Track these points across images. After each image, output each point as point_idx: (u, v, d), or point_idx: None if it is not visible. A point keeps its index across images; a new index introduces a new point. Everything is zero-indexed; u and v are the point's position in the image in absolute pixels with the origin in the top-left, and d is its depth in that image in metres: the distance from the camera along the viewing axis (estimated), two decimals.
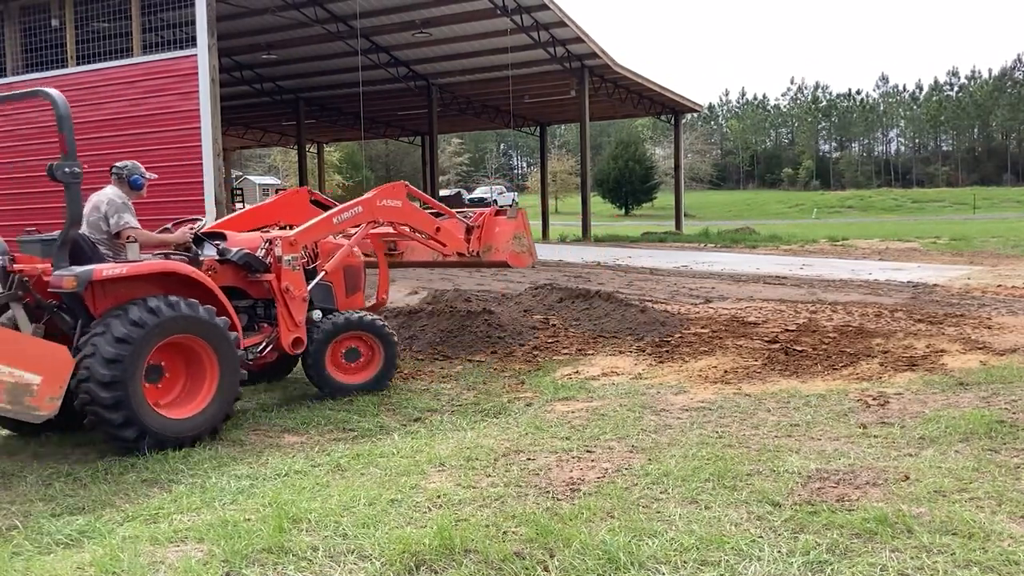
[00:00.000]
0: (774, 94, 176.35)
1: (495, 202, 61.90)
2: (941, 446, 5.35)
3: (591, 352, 9.34)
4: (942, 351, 8.41)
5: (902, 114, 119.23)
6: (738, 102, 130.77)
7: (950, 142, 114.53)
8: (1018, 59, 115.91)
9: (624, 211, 73.41)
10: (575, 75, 28.33)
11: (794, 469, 4.93)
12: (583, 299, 11.51)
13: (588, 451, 5.56)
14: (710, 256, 21.05)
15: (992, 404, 6.28)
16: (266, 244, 7.44)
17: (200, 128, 14.58)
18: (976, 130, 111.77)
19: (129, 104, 15.63)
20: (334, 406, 7.45)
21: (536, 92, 31.97)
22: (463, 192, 62.83)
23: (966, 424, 5.70)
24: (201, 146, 14.58)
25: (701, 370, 8.16)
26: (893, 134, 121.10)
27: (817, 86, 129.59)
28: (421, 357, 9.47)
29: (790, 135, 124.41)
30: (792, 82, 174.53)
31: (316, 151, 44.77)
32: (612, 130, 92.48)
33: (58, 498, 5.22)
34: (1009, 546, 3.78)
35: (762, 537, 3.98)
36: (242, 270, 7.35)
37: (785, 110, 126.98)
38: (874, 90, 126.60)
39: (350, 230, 8.35)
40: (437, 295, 12.53)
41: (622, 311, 10.89)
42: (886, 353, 8.43)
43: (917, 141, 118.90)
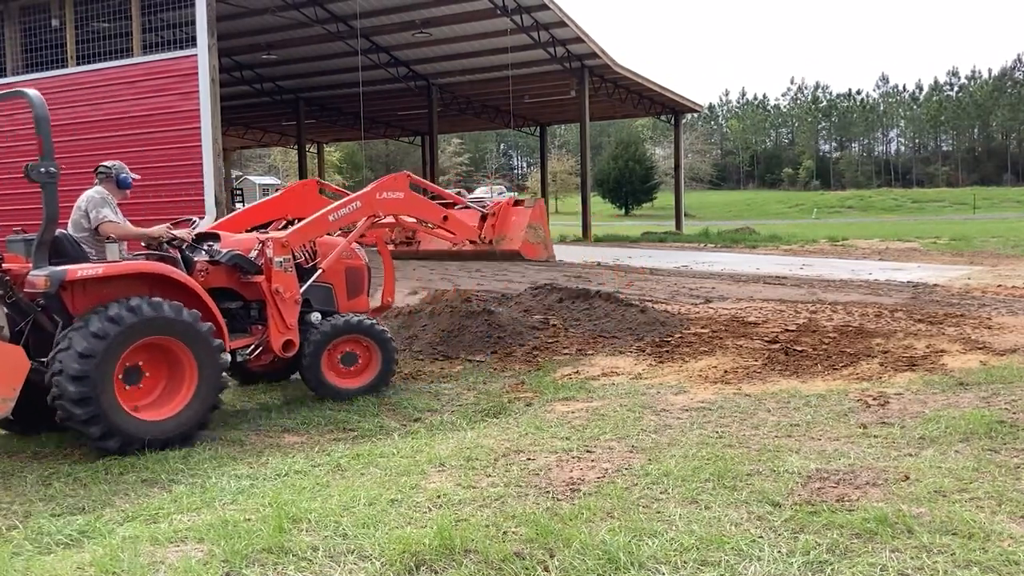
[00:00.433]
0: (774, 94, 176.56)
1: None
2: (941, 446, 5.35)
3: (591, 352, 9.33)
4: (942, 351, 8.41)
5: (902, 114, 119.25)
6: (738, 102, 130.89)
7: (950, 142, 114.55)
8: (1018, 59, 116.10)
9: (624, 211, 73.45)
10: (575, 75, 28.34)
11: (794, 469, 4.93)
12: (583, 299, 11.50)
13: (588, 451, 5.56)
14: (710, 256, 21.06)
15: (992, 404, 6.28)
16: (259, 245, 7.37)
17: (200, 128, 14.58)
18: (976, 130, 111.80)
19: (129, 104, 15.64)
20: (334, 406, 7.45)
21: (536, 92, 31.99)
22: (463, 192, 62.81)
23: (966, 424, 5.70)
24: (201, 146, 14.58)
25: (701, 370, 8.16)
26: (893, 134, 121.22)
27: (817, 86, 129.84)
28: (421, 357, 9.47)
29: (790, 135, 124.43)
30: (792, 82, 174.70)
31: (316, 151, 44.78)
32: (612, 130, 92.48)
33: (58, 498, 5.22)
34: (1009, 546, 3.78)
35: (762, 537, 3.97)
36: (234, 271, 7.29)
37: (785, 110, 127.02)
38: (874, 90, 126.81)
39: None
40: (437, 295, 12.52)
41: (622, 311, 10.88)
42: (886, 353, 8.43)
43: (917, 141, 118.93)
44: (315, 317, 7.73)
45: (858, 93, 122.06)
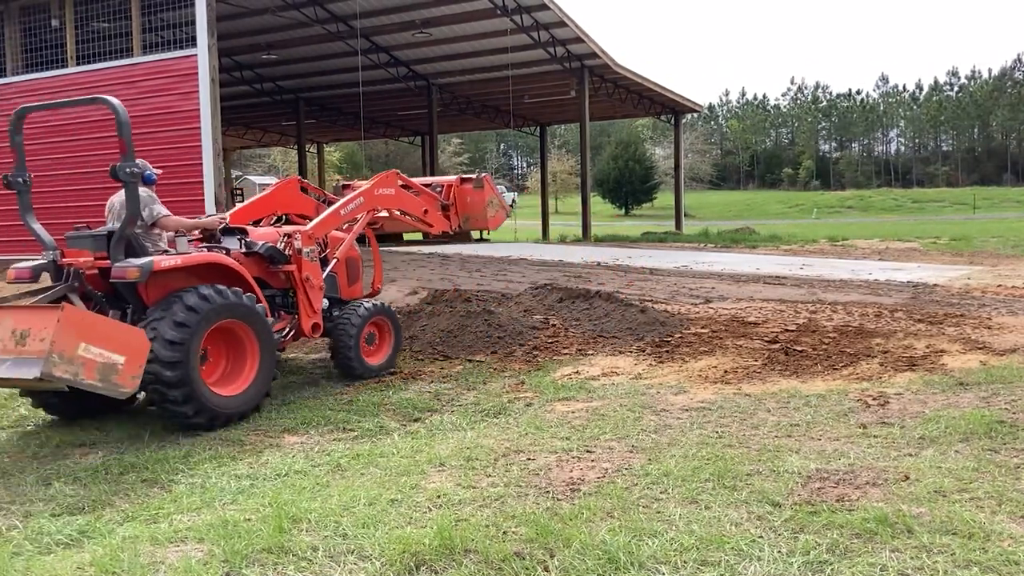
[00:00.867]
0: (774, 94, 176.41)
1: None
2: (941, 446, 5.35)
3: (591, 352, 9.33)
4: (942, 351, 8.41)
5: (902, 114, 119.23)
6: (738, 102, 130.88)
7: (950, 142, 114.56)
8: (1018, 59, 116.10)
9: (624, 211, 73.47)
10: (575, 75, 28.33)
11: (794, 469, 4.93)
12: (583, 299, 11.50)
13: (588, 451, 5.56)
14: (710, 256, 21.04)
15: (992, 404, 6.28)
16: (285, 237, 8.03)
17: (200, 128, 14.59)
18: (976, 130, 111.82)
19: (129, 104, 15.50)
20: (334, 406, 7.45)
21: (536, 92, 31.97)
22: None
23: (966, 424, 5.70)
24: (201, 146, 14.59)
25: (701, 370, 8.16)
26: (893, 134, 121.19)
27: (817, 86, 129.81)
28: (421, 357, 9.47)
29: (790, 135, 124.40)
30: (792, 82, 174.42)
31: (316, 151, 44.77)
32: (612, 130, 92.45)
33: (58, 498, 5.22)
34: (1009, 546, 3.78)
35: (762, 537, 3.98)
36: (264, 262, 7.91)
37: (785, 110, 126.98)
38: (874, 90, 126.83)
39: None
40: (437, 295, 12.52)
41: (622, 311, 10.88)
42: (886, 353, 8.43)
43: (917, 141, 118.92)
44: (324, 303, 8.40)
45: (858, 93, 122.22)
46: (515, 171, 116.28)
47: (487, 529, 4.16)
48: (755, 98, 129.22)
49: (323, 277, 8.37)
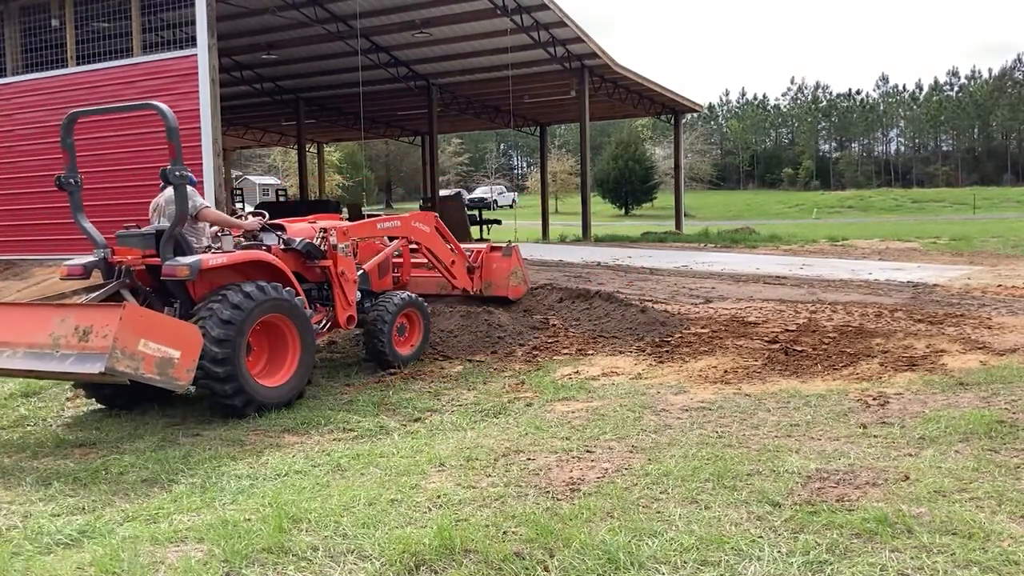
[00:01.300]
0: (774, 94, 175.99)
1: (495, 202, 61.87)
2: (941, 446, 5.35)
3: (591, 352, 9.34)
4: (942, 351, 8.41)
5: (902, 114, 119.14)
6: (738, 102, 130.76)
7: (950, 142, 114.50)
8: (1018, 59, 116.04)
9: (624, 211, 73.42)
10: (575, 75, 28.31)
11: (794, 469, 4.93)
12: (583, 299, 11.50)
13: (588, 451, 5.56)
14: (710, 256, 21.03)
15: (992, 404, 6.28)
16: (321, 233, 8.44)
17: (200, 128, 14.56)
18: (976, 130, 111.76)
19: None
20: (334, 406, 7.46)
21: (536, 92, 31.93)
22: (463, 192, 62.73)
23: (966, 424, 5.70)
24: (201, 146, 14.57)
25: (701, 370, 8.16)
26: (893, 134, 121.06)
27: (817, 86, 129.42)
28: (421, 357, 9.47)
29: (790, 135, 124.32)
30: (792, 82, 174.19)
31: (316, 151, 44.74)
32: (612, 130, 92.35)
33: (58, 498, 5.22)
34: (1009, 546, 3.78)
35: (762, 537, 3.98)
36: (302, 257, 8.28)
37: (785, 110, 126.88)
38: (874, 90, 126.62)
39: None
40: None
41: (622, 311, 10.88)
42: (886, 353, 8.43)
43: (917, 141, 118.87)
44: (357, 295, 8.75)
45: (858, 93, 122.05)
46: (515, 171, 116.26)
47: (487, 529, 4.16)
48: (755, 98, 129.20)
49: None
